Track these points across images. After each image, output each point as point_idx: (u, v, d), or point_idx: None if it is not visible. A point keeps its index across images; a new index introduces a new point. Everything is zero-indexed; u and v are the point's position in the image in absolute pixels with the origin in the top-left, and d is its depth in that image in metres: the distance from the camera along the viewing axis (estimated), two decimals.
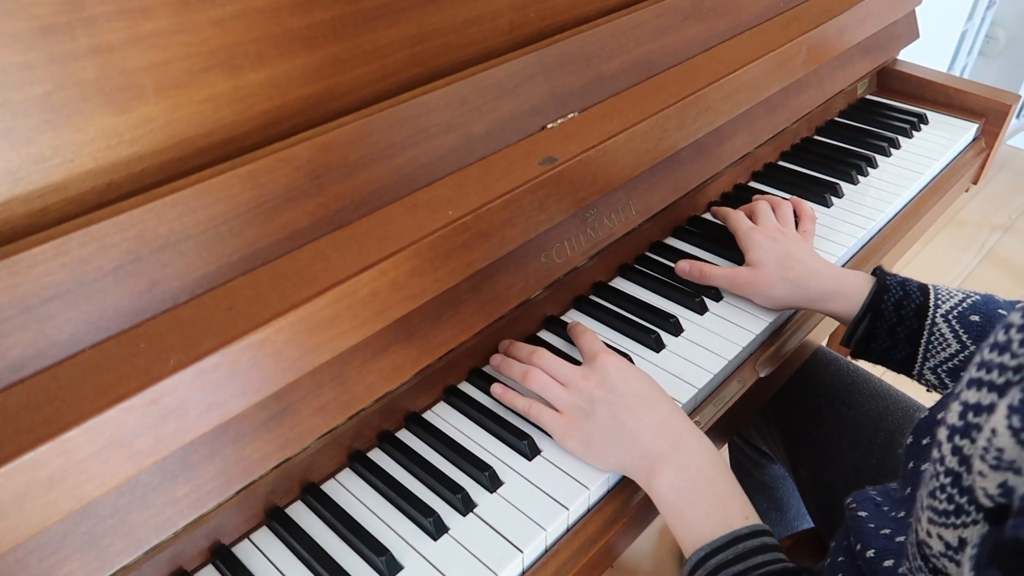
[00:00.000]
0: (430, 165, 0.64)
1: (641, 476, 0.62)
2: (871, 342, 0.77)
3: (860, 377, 0.98)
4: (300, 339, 0.52)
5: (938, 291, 0.76)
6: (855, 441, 0.91)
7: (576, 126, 0.72)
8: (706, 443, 0.62)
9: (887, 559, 0.57)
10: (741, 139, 0.92)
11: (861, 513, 0.64)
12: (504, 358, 0.72)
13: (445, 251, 0.59)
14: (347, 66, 0.61)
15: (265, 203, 0.55)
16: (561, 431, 0.65)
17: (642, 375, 0.67)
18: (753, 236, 0.82)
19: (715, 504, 0.58)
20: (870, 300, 0.76)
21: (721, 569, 0.54)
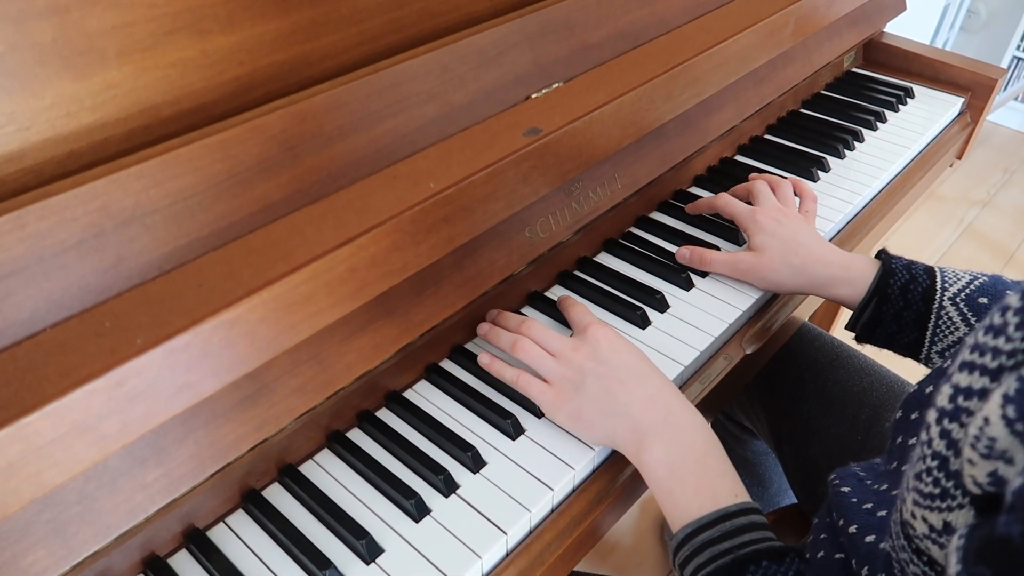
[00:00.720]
0: (410, 136, 0.62)
1: (630, 450, 0.60)
2: (877, 327, 0.76)
3: (844, 352, 0.98)
4: (275, 317, 0.50)
5: (945, 274, 0.75)
6: (839, 417, 0.91)
7: (561, 96, 0.70)
8: (698, 418, 0.61)
9: (868, 534, 0.56)
10: (728, 112, 0.90)
11: (844, 488, 0.64)
12: (492, 327, 0.70)
13: (426, 225, 0.57)
14: (323, 31, 0.59)
15: (237, 175, 0.53)
16: (550, 403, 0.64)
17: (633, 348, 0.65)
18: (757, 219, 0.80)
19: (704, 481, 0.57)
20: (876, 285, 0.74)
21: (708, 546, 0.53)
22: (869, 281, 0.76)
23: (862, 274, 0.76)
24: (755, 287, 0.80)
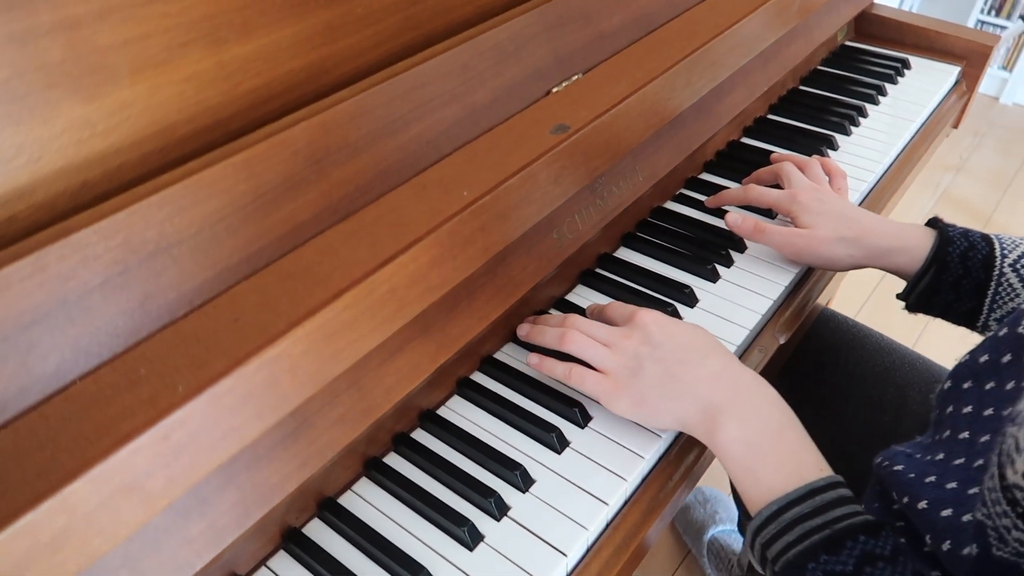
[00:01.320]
0: (435, 141, 0.58)
1: (701, 431, 0.58)
2: (934, 296, 0.75)
3: (862, 333, 0.97)
4: (318, 348, 0.46)
5: (1002, 240, 0.74)
6: (864, 400, 0.90)
7: (583, 89, 0.67)
8: (770, 391, 0.59)
9: (943, 508, 0.55)
10: (739, 94, 0.88)
11: (896, 467, 0.62)
12: (534, 326, 0.67)
13: (463, 237, 0.54)
14: (339, 34, 0.55)
15: (263, 195, 0.49)
16: (609, 393, 0.61)
17: (688, 325, 0.63)
18: (799, 200, 0.77)
19: (786, 456, 0.54)
20: (934, 253, 0.73)
21: (798, 523, 0.51)
22: (926, 250, 0.74)
23: (919, 243, 0.75)
24: (781, 271, 0.78)
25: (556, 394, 0.65)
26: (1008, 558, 0.47)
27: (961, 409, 0.63)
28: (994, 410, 0.60)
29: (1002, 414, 0.59)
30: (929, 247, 0.74)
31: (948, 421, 0.63)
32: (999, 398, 0.60)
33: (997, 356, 0.62)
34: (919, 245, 0.74)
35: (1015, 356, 0.61)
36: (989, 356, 0.63)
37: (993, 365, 0.62)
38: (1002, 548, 0.47)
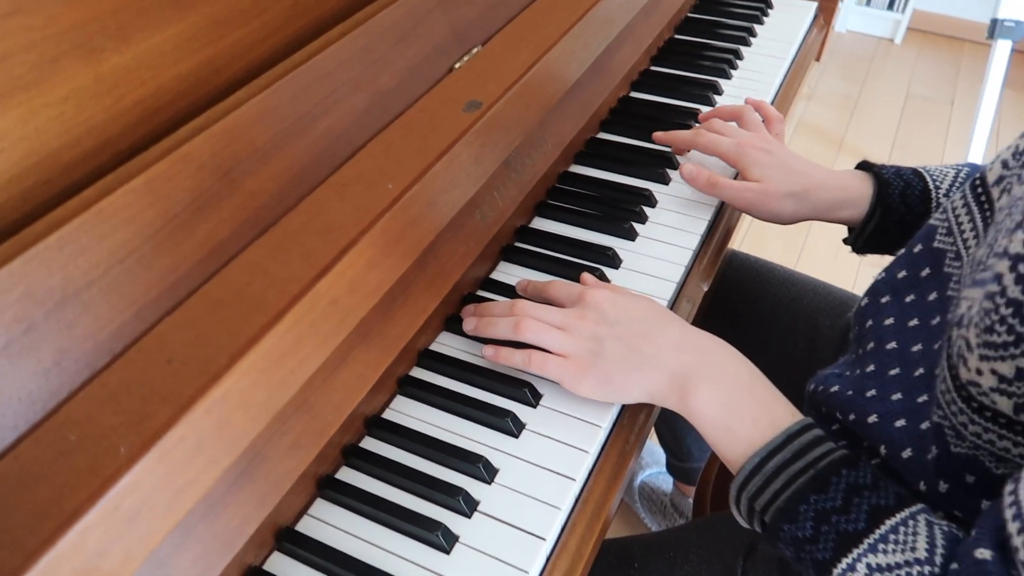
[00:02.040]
0: (347, 134, 0.54)
1: (673, 400, 0.58)
2: (883, 237, 0.78)
3: (765, 268, 1.00)
4: (266, 377, 0.43)
5: (931, 173, 0.78)
6: (778, 332, 0.93)
7: (486, 62, 0.64)
8: (731, 349, 0.60)
9: (897, 419, 0.58)
10: (628, 49, 0.88)
11: (832, 389, 0.65)
12: (480, 319, 0.64)
13: (396, 233, 0.51)
14: (225, 29, 0.49)
15: (173, 218, 0.44)
16: (572, 375, 0.60)
17: (639, 298, 0.63)
18: (745, 152, 0.78)
19: (760, 409, 0.55)
20: (876, 199, 0.76)
21: (782, 470, 0.52)
22: (867, 197, 0.77)
23: (860, 192, 0.78)
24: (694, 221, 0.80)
25: (503, 378, 0.64)
26: (966, 452, 0.50)
27: (883, 321, 0.66)
28: (919, 320, 0.63)
29: (930, 323, 0.62)
30: (870, 195, 0.77)
31: (870, 334, 0.66)
32: (923, 309, 0.64)
33: (915, 271, 0.66)
34: (861, 195, 0.77)
35: (934, 269, 0.64)
36: (907, 272, 0.66)
37: (912, 280, 0.66)
38: (960, 444, 0.50)
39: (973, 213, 0.61)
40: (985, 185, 0.60)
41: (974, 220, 0.60)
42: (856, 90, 2.58)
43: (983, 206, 0.60)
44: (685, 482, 1.33)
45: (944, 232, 0.64)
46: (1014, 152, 0.58)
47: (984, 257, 0.51)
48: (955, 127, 2.41)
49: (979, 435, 0.48)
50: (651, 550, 0.74)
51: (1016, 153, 0.58)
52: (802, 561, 0.50)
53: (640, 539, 0.76)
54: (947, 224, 0.64)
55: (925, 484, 0.54)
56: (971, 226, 0.61)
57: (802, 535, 0.49)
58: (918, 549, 0.45)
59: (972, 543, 0.42)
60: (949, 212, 0.64)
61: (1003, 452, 0.47)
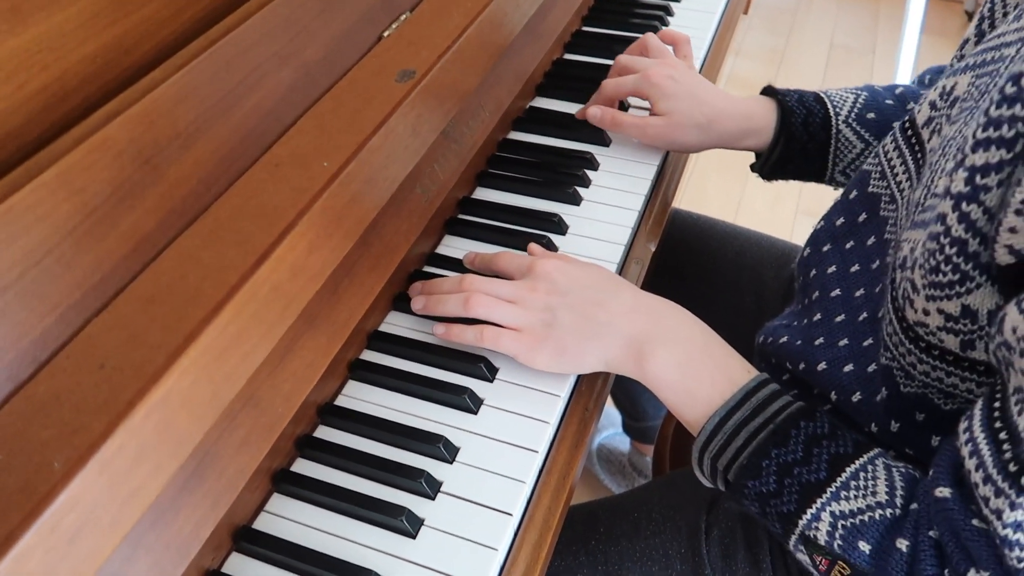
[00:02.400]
0: (275, 111, 0.51)
1: (629, 366, 0.57)
2: (787, 163, 0.79)
3: (707, 223, 1.01)
4: (209, 373, 0.40)
5: (831, 97, 0.78)
6: (723, 287, 0.94)
7: (416, 28, 0.61)
8: (683, 311, 0.60)
9: (845, 365, 0.59)
10: (560, 10, 0.86)
11: (781, 340, 0.66)
12: (429, 297, 0.62)
13: (336, 212, 0.48)
14: (133, 4, 0.46)
15: (93, 212, 0.41)
16: (527, 348, 0.58)
17: (588, 265, 0.62)
18: (653, 81, 0.76)
19: (717, 369, 0.55)
20: (779, 127, 0.76)
21: (742, 427, 0.52)
22: (771, 126, 0.78)
23: (764, 120, 0.78)
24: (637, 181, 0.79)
25: (457, 354, 0.62)
26: (916, 391, 0.51)
27: (826, 269, 0.67)
28: (860, 266, 0.64)
29: (871, 267, 0.63)
30: (773, 122, 0.77)
31: (815, 283, 0.67)
32: (863, 254, 0.65)
33: (853, 217, 0.66)
34: (766, 123, 0.77)
35: (870, 214, 0.65)
36: (844, 218, 0.67)
37: (850, 226, 0.67)
38: (909, 384, 0.51)
39: (904, 156, 0.62)
40: (915, 127, 0.61)
41: (906, 163, 0.61)
42: (782, 43, 2.61)
43: (914, 148, 0.61)
44: (642, 441, 1.35)
45: (878, 176, 0.64)
46: (941, 93, 0.59)
47: (922, 199, 0.52)
48: (878, 75, 2.46)
49: (927, 373, 0.49)
50: (615, 512, 0.74)
51: (943, 94, 0.58)
52: (767, 515, 0.51)
53: (604, 503, 0.77)
54: (880, 168, 0.64)
55: (876, 425, 0.55)
56: (903, 168, 0.61)
57: (766, 490, 0.49)
58: (879, 493, 0.46)
59: (931, 482, 0.43)
60: (881, 156, 0.65)
61: (951, 388, 0.48)
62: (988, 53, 0.54)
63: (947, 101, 0.57)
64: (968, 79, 0.55)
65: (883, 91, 0.79)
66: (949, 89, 0.57)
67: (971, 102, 0.52)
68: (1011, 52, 0.50)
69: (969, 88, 0.54)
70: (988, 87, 0.50)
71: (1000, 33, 0.54)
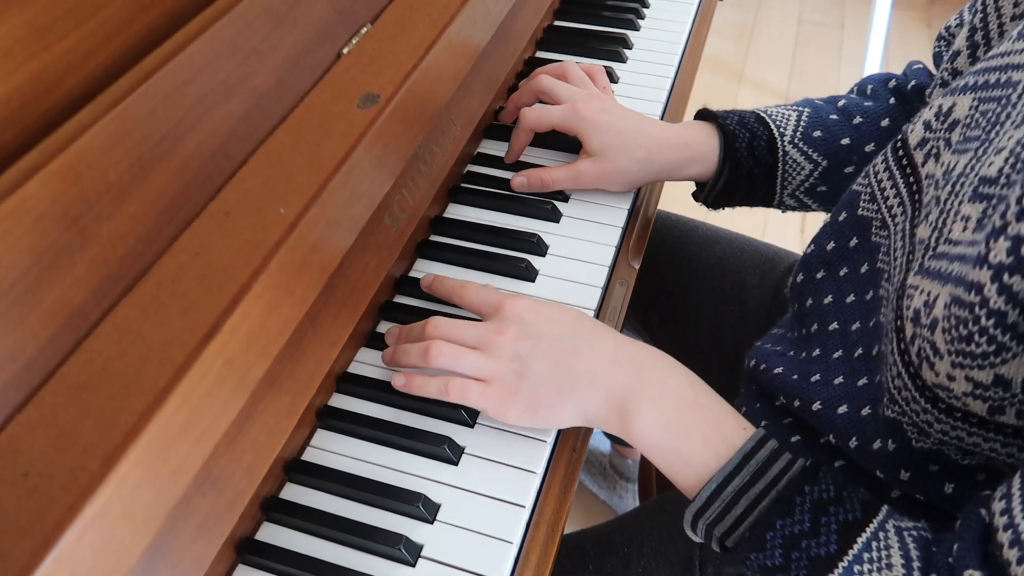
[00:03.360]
0: (223, 150, 0.46)
1: (611, 423, 0.53)
2: (733, 192, 0.75)
3: (687, 226, 0.97)
4: (154, 472, 0.35)
5: (773, 118, 0.74)
6: (705, 292, 0.91)
7: (377, 43, 0.56)
8: (669, 360, 0.55)
9: (839, 406, 0.55)
10: (530, 9, 0.80)
11: (776, 371, 0.62)
12: (397, 347, 0.57)
13: (295, 265, 0.43)
14: (51, 36, 0.40)
15: (10, 290, 0.35)
16: (497, 403, 0.53)
17: (563, 308, 0.57)
18: (580, 116, 0.70)
19: (709, 426, 0.51)
20: (724, 153, 0.72)
21: (741, 495, 0.48)
22: (714, 152, 0.74)
23: (706, 146, 0.74)
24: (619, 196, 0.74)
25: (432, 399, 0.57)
26: (931, 447, 0.48)
27: (822, 300, 0.63)
28: (855, 296, 0.61)
29: (865, 298, 0.60)
30: (716, 149, 0.73)
31: (813, 315, 0.63)
32: (857, 283, 0.61)
33: (844, 241, 0.63)
34: (707, 149, 0.73)
35: (861, 239, 0.61)
36: (835, 243, 0.63)
37: (842, 251, 0.63)
38: (923, 440, 0.48)
39: (896, 179, 0.58)
40: (907, 148, 0.57)
41: (897, 186, 0.57)
42: (750, 19, 2.56)
43: (906, 171, 0.57)
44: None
45: (867, 199, 0.61)
46: (937, 113, 0.54)
47: (931, 241, 0.47)
48: (847, 51, 2.44)
49: (946, 432, 0.46)
50: (605, 547, 0.70)
51: (939, 114, 0.54)
52: None
53: (591, 535, 0.73)
54: (870, 190, 0.60)
55: (883, 473, 0.52)
56: (895, 192, 0.57)
57: (771, 563, 0.45)
58: (894, 565, 0.42)
59: (959, 561, 0.39)
60: (871, 177, 0.61)
61: (972, 447, 0.45)
62: (992, 74, 0.50)
63: (944, 123, 0.53)
64: (969, 101, 0.51)
65: (825, 105, 0.75)
66: (947, 110, 0.53)
67: (978, 130, 0.48)
68: (1021, 78, 0.46)
69: (972, 112, 0.50)
70: (999, 116, 0.46)
71: (1004, 52, 0.50)
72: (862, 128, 0.73)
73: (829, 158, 0.73)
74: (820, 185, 0.75)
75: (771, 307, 0.85)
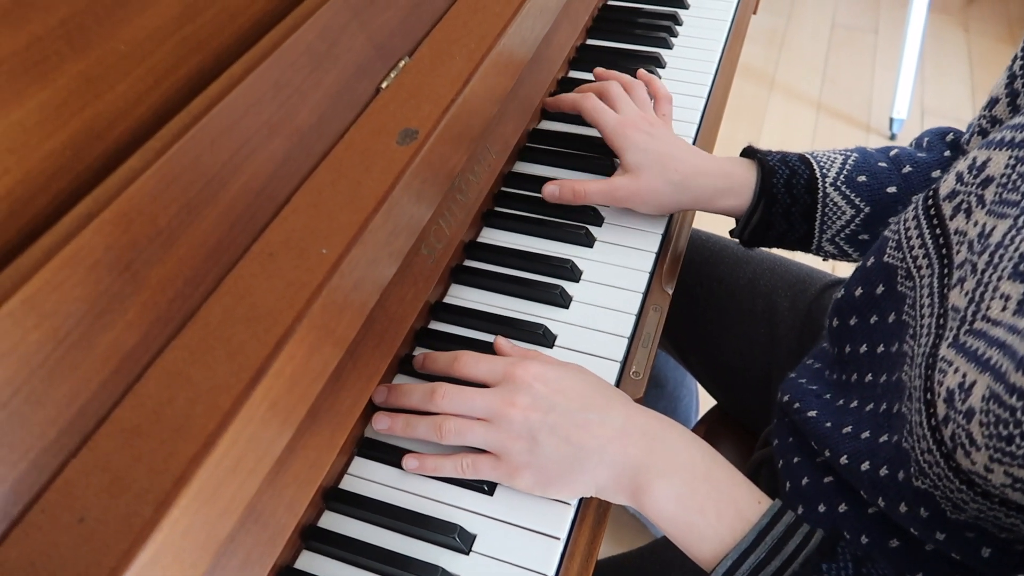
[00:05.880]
0: (267, 190, 0.46)
1: (624, 496, 0.52)
2: (768, 230, 0.74)
3: (718, 245, 0.96)
4: (203, 516, 0.36)
5: (818, 159, 0.73)
6: (737, 314, 0.90)
7: (415, 77, 0.56)
8: (680, 429, 0.54)
9: (862, 462, 0.54)
10: (565, 31, 0.81)
11: (810, 413, 0.61)
12: (395, 419, 0.56)
13: (337, 307, 0.44)
14: (102, 85, 0.41)
15: (66, 337, 0.36)
16: (508, 475, 0.53)
17: (575, 372, 0.56)
18: (626, 133, 0.71)
19: (722, 500, 0.50)
20: (760, 188, 0.71)
21: (757, 571, 0.47)
22: (751, 186, 0.72)
23: (743, 180, 0.73)
24: (653, 220, 0.74)
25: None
26: (967, 520, 0.47)
27: (858, 349, 0.62)
28: (884, 347, 0.59)
29: (891, 350, 0.58)
30: (753, 182, 0.72)
31: (852, 363, 0.62)
32: (887, 333, 0.59)
33: (871, 288, 0.61)
34: (744, 182, 0.72)
35: (887, 287, 0.60)
36: (863, 288, 0.62)
37: (869, 297, 0.61)
38: (959, 514, 0.47)
39: (923, 229, 0.56)
40: (936, 198, 0.55)
41: (923, 237, 0.56)
42: (782, 23, 2.54)
43: (932, 222, 0.55)
44: None
45: (894, 246, 0.59)
46: (970, 166, 0.53)
47: (968, 315, 0.45)
48: (881, 55, 2.41)
49: (982, 511, 0.44)
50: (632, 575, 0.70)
51: (972, 167, 0.52)
52: None
53: (618, 565, 0.73)
54: (896, 238, 0.59)
55: (917, 532, 0.51)
56: (920, 243, 0.56)
57: None
58: None
59: None
60: (900, 224, 0.59)
61: (1012, 527, 0.44)
62: None
63: (976, 177, 0.51)
64: (1005, 159, 0.49)
65: (876, 153, 0.73)
66: (981, 163, 0.51)
67: (1016, 194, 0.46)
68: None
69: (1008, 172, 0.48)
70: None
71: None
72: (911, 178, 0.70)
73: (873, 205, 0.71)
74: (862, 233, 0.73)
75: (802, 330, 0.85)
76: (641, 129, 0.72)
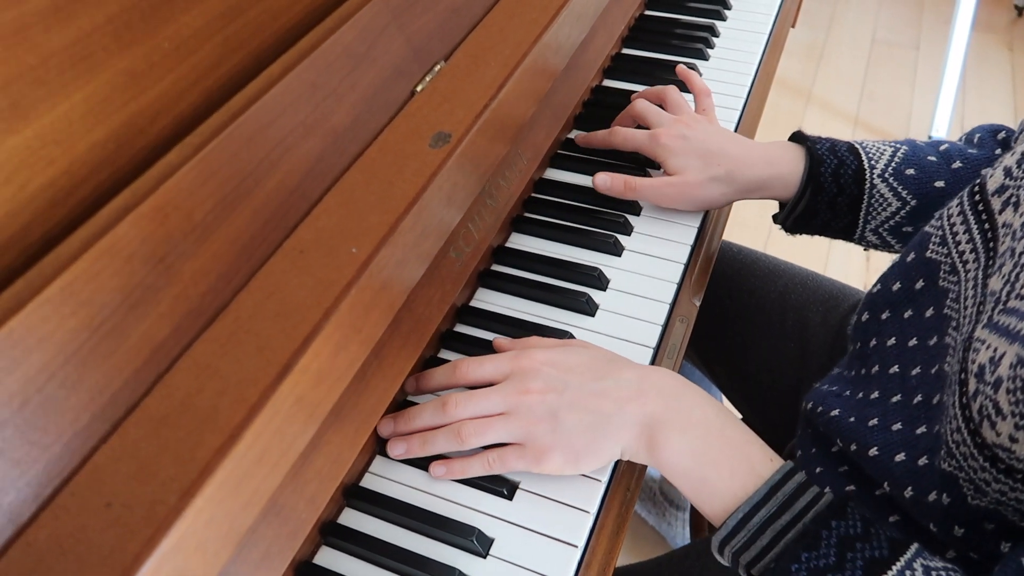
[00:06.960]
0: (300, 188, 0.47)
1: (643, 454, 0.53)
2: (812, 218, 0.74)
3: (750, 259, 0.96)
4: (226, 507, 0.37)
5: (867, 149, 0.73)
6: (766, 327, 0.89)
7: (451, 81, 0.57)
8: (696, 389, 0.55)
9: (896, 453, 0.54)
10: (600, 39, 0.81)
11: (833, 413, 0.61)
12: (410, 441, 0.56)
13: (364, 305, 0.44)
14: (147, 80, 0.42)
15: (101, 325, 0.37)
16: (535, 461, 0.53)
17: (578, 350, 0.57)
18: (662, 143, 0.72)
19: (736, 456, 0.51)
20: (807, 175, 0.71)
21: (768, 525, 0.48)
22: (798, 174, 0.72)
23: (791, 167, 0.73)
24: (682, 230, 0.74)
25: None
26: (987, 506, 0.47)
27: (885, 342, 0.62)
28: (918, 340, 0.59)
29: (928, 343, 0.58)
30: (800, 170, 0.72)
31: (875, 356, 0.62)
32: (921, 327, 0.60)
33: (910, 283, 0.61)
34: (791, 170, 0.72)
35: (928, 282, 0.60)
36: (901, 283, 0.62)
37: (907, 292, 0.62)
38: (979, 498, 0.47)
39: (970, 224, 0.56)
40: (984, 193, 0.55)
41: (971, 232, 0.56)
42: (821, 38, 2.52)
43: (981, 217, 0.55)
44: None
45: (938, 241, 0.59)
46: (1019, 159, 0.53)
47: (1003, 295, 0.46)
48: (922, 72, 2.37)
49: (1004, 493, 0.45)
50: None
51: (1021, 160, 0.53)
52: None
53: (636, 571, 0.73)
54: (941, 233, 0.59)
55: (936, 527, 0.51)
56: (967, 238, 0.56)
57: None
58: None
59: None
60: (944, 220, 0.59)
61: None
62: None
63: None
64: None
65: (926, 146, 0.72)
66: None
67: None
68: None
69: None
70: None
71: None
72: (960, 173, 0.70)
73: (920, 198, 0.70)
74: (906, 225, 0.73)
75: (833, 346, 0.84)
76: (674, 134, 0.72)
